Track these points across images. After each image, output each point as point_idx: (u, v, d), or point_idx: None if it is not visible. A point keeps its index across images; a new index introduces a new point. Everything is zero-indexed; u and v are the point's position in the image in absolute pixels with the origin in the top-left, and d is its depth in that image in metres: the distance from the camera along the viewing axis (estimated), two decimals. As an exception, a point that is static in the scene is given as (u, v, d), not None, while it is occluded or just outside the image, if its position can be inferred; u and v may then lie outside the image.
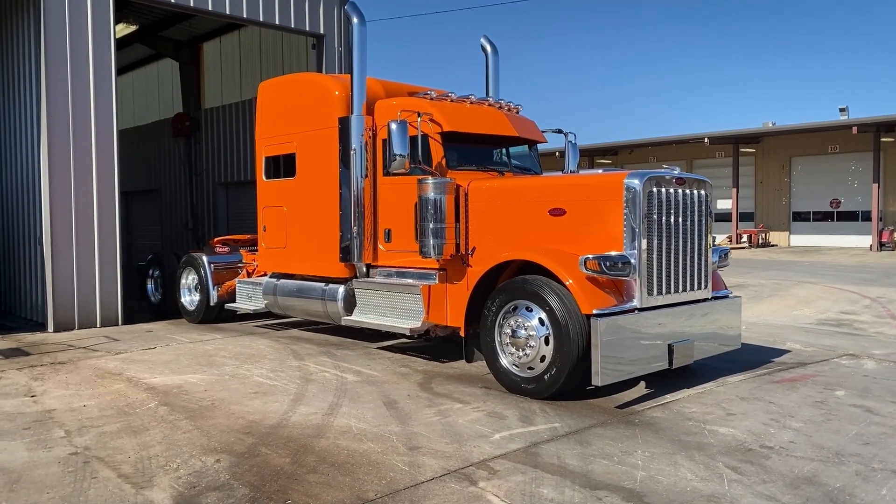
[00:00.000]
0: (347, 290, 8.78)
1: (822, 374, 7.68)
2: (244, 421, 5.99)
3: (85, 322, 10.99)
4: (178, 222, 19.27)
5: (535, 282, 6.50)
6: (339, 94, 8.68)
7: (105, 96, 11.19)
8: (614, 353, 6.11)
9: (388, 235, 8.37)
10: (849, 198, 33.06)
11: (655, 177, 6.58)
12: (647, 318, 6.45)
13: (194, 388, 7.15)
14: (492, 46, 10.08)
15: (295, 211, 9.46)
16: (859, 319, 12.11)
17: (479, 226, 7.57)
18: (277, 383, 7.30)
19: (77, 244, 10.89)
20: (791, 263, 24.35)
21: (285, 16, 13.25)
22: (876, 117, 28.40)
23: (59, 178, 10.74)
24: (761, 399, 6.59)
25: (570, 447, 5.29)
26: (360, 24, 8.46)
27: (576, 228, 6.79)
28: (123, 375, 7.76)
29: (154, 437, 5.60)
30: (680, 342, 6.69)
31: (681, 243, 6.84)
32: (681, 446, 5.31)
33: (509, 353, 6.73)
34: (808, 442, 5.41)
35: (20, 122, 12.14)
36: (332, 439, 5.49)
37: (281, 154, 9.68)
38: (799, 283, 17.85)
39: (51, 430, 5.82)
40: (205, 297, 11.20)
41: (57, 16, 10.66)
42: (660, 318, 6.57)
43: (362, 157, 8.38)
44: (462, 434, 5.59)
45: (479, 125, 8.26)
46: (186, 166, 18.78)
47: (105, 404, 6.59)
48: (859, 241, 31.52)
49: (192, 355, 8.85)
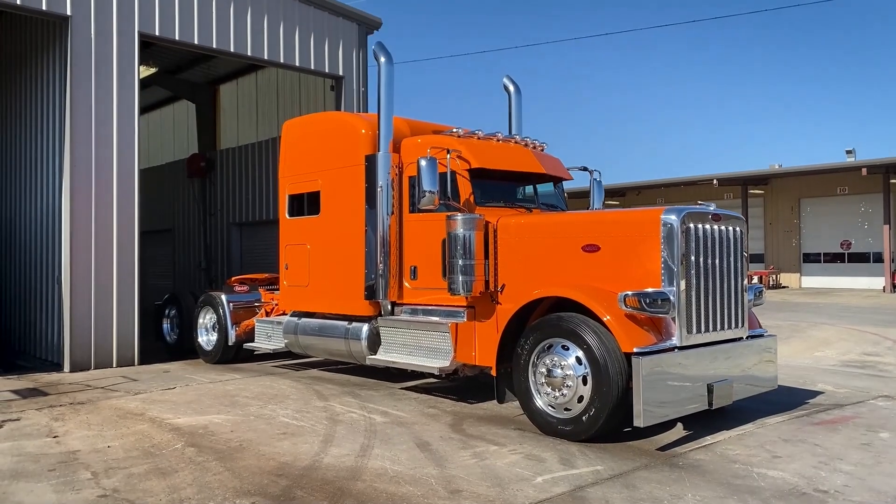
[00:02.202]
0: (372, 328, 8.64)
1: (862, 415, 7.47)
2: (275, 462, 5.81)
3: (101, 362, 10.84)
4: (192, 262, 19.22)
5: (571, 319, 6.37)
6: (365, 132, 8.69)
7: (127, 138, 11.24)
8: (656, 392, 5.95)
9: (413, 273, 8.27)
10: (859, 239, 32.96)
11: (692, 213, 6.51)
12: (688, 358, 6.30)
13: (220, 428, 6.97)
14: (514, 86, 10.14)
15: (318, 249, 9.39)
16: (883, 361, 11.89)
17: (509, 262, 7.47)
18: (304, 424, 7.12)
19: (96, 283, 10.81)
20: (805, 305, 24.14)
21: (305, 58, 13.40)
22: (885, 159, 28.48)
23: (81, 217, 10.72)
24: (805, 441, 6.39)
25: (616, 491, 5.09)
26: (388, 63, 8.51)
27: (611, 265, 6.69)
28: (146, 416, 7.59)
29: (184, 480, 5.42)
30: (719, 382, 6.53)
31: (718, 281, 6.72)
32: (731, 490, 5.11)
33: (545, 394, 6.56)
34: (863, 486, 5.21)
35: (41, 161, 12.19)
36: (369, 482, 5.31)
37: (305, 192, 9.66)
38: (816, 325, 17.64)
39: (77, 472, 5.65)
40: (223, 337, 11.06)
41: (83, 57, 10.78)
42: (699, 358, 6.42)
43: (388, 194, 8.34)
44: (502, 477, 5.40)
45: (506, 162, 8.24)
46: (201, 206, 18.81)
47: (130, 445, 6.41)
48: (871, 282, 31.32)
49: (213, 395, 8.68)
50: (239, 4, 12.40)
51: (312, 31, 13.49)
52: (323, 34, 13.68)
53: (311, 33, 13.46)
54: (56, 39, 11.51)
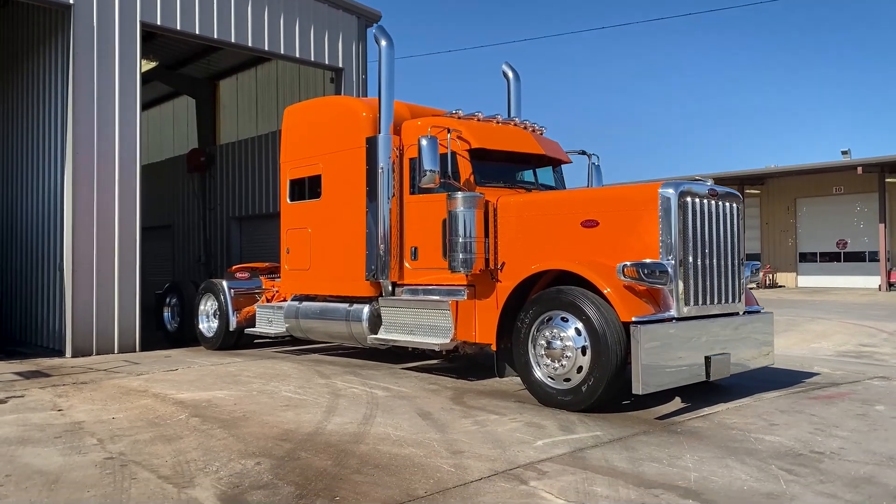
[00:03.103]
0: (372, 309, 8.72)
1: (857, 392, 7.56)
2: (279, 430, 5.88)
3: (103, 348, 10.89)
4: (191, 257, 19.28)
5: (570, 291, 6.46)
6: (366, 115, 8.79)
7: (129, 124, 11.29)
8: (654, 361, 6.04)
9: (414, 253, 8.36)
10: (855, 238, 33.10)
11: (690, 187, 6.61)
12: (686, 329, 6.39)
13: (223, 402, 7.04)
14: (513, 72, 10.25)
15: (320, 232, 9.47)
16: (880, 351, 11.97)
17: (509, 240, 7.56)
18: (307, 398, 7.19)
19: (97, 268, 10.87)
20: (802, 302, 24.23)
21: (305, 49, 13.50)
22: (880, 157, 28.64)
23: (83, 201, 10.79)
24: (802, 412, 6.48)
25: (616, 452, 5.18)
26: (389, 47, 8.61)
27: (609, 239, 6.78)
28: (149, 392, 7.66)
29: (189, 444, 5.48)
30: (717, 355, 6.62)
31: (715, 255, 6.82)
32: (729, 451, 5.19)
33: (544, 366, 6.64)
34: (859, 448, 5.30)
35: (43, 150, 12.26)
36: (372, 445, 5.38)
37: (306, 176, 9.75)
38: (813, 319, 17.73)
39: (83, 439, 5.71)
40: (224, 323, 11.12)
41: (85, 46, 10.85)
42: (697, 329, 6.51)
43: (389, 175, 8.43)
44: (503, 441, 5.48)
45: (506, 143, 8.33)
46: (200, 201, 18.89)
47: (134, 417, 6.48)
48: (867, 281, 31.44)
49: (215, 375, 8.75)
50: (240, -5, 12.49)
51: (313, 22, 13.60)
52: (323, 26, 13.78)
53: (311, 25, 13.56)
54: (58, 30, 11.60)
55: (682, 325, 6.37)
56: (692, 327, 6.46)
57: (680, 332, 6.31)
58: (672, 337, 6.22)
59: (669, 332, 6.21)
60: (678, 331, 6.29)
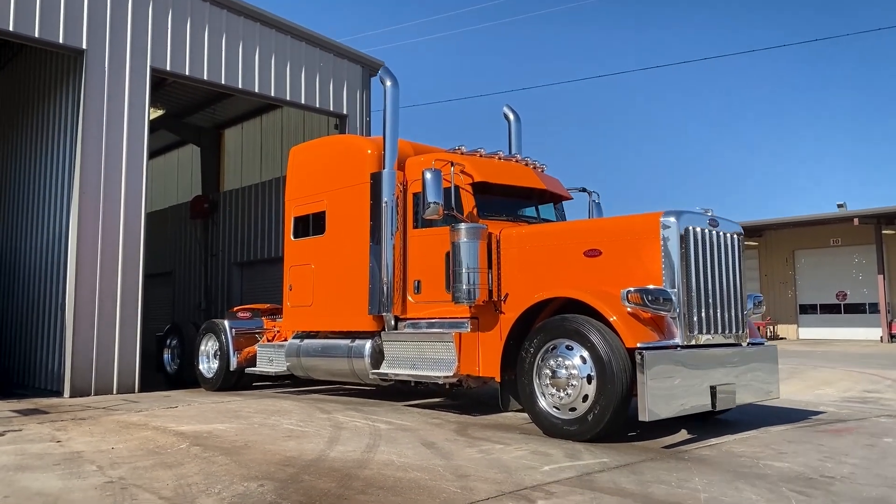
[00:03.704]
0: (375, 344, 8.69)
1: (865, 427, 7.48)
2: (282, 456, 5.80)
3: (102, 388, 10.79)
4: (191, 303, 19.26)
5: (575, 319, 6.46)
6: (370, 151, 8.94)
7: (136, 164, 11.44)
8: (660, 387, 6.00)
9: (417, 287, 8.38)
10: (854, 290, 33.12)
11: (691, 216, 6.69)
12: (691, 356, 6.37)
13: (225, 433, 6.96)
14: (514, 114, 10.47)
15: (323, 267, 9.51)
16: (884, 397, 11.86)
17: (512, 272, 7.59)
18: (309, 430, 7.11)
19: (99, 308, 10.86)
20: (804, 352, 24.08)
21: (311, 96, 13.81)
22: (876, 209, 28.90)
23: (87, 241, 10.84)
24: (810, 442, 6.41)
25: (624, 475, 5.10)
26: (393, 87, 8.82)
27: (612, 268, 6.82)
28: (149, 425, 7.57)
29: (190, 470, 5.41)
30: (722, 385, 6.57)
31: (717, 284, 6.85)
32: (738, 475, 5.12)
33: (549, 395, 6.59)
34: (870, 473, 5.23)
35: (49, 193, 12.41)
36: (377, 469, 5.31)
37: (311, 213, 9.84)
38: (816, 368, 17.59)
39: (82, 466, 5.63)
40: (224, 363, 11.05)
41: (96, 90, 11.09)
42: (702, 358, 6.49)
43: (393, 210, 8.52)
44: (510, 466, 5.41)
45: (508, 177, 8.46)
46: (202, 247, 18.98)
47: (134, 447, 6.39)
48: (868, 333, 31.31)
49: (216, 411, 8.65)
50: (248, 43, 12.85)
51: (319, 71, 13.94)
52: (328, 75, 14.13)
53: (317, 73, 13.90)
54: (69, 74, 11.89)
55: (687, 352, 6.35)
56: (697, 356, 6.44)
57: (685, 359, 6.29)
58: (678, 364, 6.19)
59: (675, 359, 6.19)
60: (684, 358, 6.27)
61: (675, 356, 6.21)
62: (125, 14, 11.40)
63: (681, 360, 6.24)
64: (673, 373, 6.13)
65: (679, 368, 6.20)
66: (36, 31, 10.52)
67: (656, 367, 5.97)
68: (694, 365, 6.36)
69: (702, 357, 6.49)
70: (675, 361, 6.18)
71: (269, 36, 13.21)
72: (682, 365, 6.23)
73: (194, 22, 12.20)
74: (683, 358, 6.28)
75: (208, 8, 12.42)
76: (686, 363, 6.28)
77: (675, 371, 6.15)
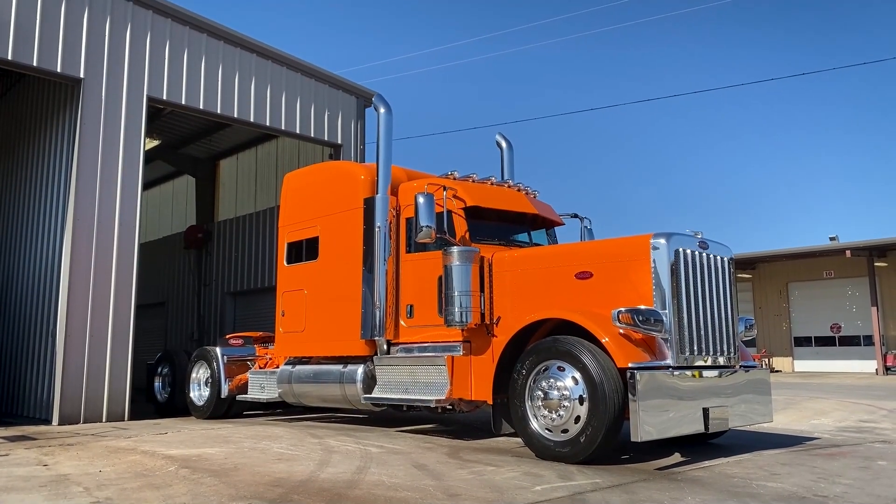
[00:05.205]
0: (367, 369, 8.65)
1: (859, 452, 7.45)
2: (271, 478, 5.75)
3: (91, 416, 10.66)
4: (184, 333, 19.15)
5: (567, 340, 6.47)
6: (364, 177, 9.01)
7: (130, 193, 11.47)
8: (653, 407, 5.99)
9: (410, 311, 8.37)
10: (849, 322, 33.15)
11: (681, 237, 6.74)
12: (683, 377, 6.37)
13: (214, 456, 6.89)
14: (506, 142, 10.60)
15: (316, 292, 9.51)
16: (880, 426, 11.80)
17: (504, 295, 7.61)
18: (299, 453, 7.04)
19: (91, 334, 10.79)
20: (799, 384, 24.01)
21: (306, 126, 13.94)
22: (868, 241, 29.09)
23: (79, 273, 10.74)
24: (803, 465, 6.38)
25: (616, 495, 5.07)
26: (387, 114, 8.94)
27: (604, 290, 6.85)
28: (137, 450, 7.48)
29: (178, 490, 5.34)
30: (715, 407, 6.56)
31: (708, 305, 6.88)
32: (732, 495, 5.10)
33: (541, 417, 6.56)
34: (863, 492, 5.20)
35: (43, 221, 12.41)
36: (367, 489, 5.26)
37: (304, 238, 9.87)
38: (811, 398, 17.52)
39: (68, 487, 5.56)
40: (215, 391, 10.96)
41: (92, 119, 11.15)
42: (694, 379, 6.48)
43: (386, 235, 8.56)
44: (501, 487, 5.37)
45: (501, 202, 8.53)
46: (196, 277, 18.95)
47: (122, 470, 6.31)
48: (863, 365, 31.26)
49: (205, 437, 8.56)
50: (244, 73, 13.02)
51: (314, 101, 14.10)
52: (323, 105, 14.29)
53: (312, 104, 14.06)
54: (66, 103, 11.99)
55: (679, 374, 6.35)
56: (689, 377, 6.43)
57: (678, 380, 6.29)
58: (670, 384, 6.19)
59: (667, 379, 6.19)
60: (676, 379, 6.27)
61: (667, 376, 6.21)
62: (123, 44, 11.55)
63: (673, 381, 6.23)
64: (665, 393, 6.12)
65: (672, 389, 6.19)
66: (34, 60, 10.64)
67: (648, 387, 5.97)
68: (686, 386, 6.35)
69: (694, 378, 6.48)
70: (667, 382, 6.18)
71: (265, 67, 13.38)
72: (674, 385, 6.22)
73: (191, 52, 12.36)
74: (676, 379, 6.28)
75: (205, 39, 12.60)
76: (679, 384, 6.28)
77: (667, 391, 6.14)
